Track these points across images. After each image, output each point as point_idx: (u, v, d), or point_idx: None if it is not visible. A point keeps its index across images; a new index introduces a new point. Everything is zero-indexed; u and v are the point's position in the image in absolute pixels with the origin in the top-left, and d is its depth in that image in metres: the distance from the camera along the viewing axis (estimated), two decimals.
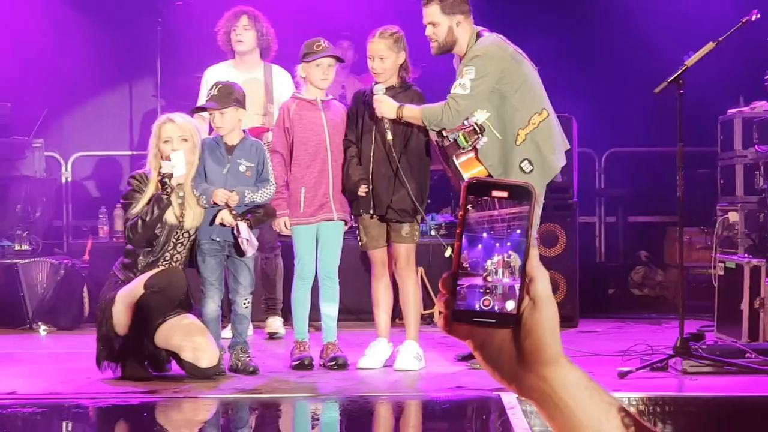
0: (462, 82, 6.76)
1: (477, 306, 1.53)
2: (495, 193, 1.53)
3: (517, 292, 1.52)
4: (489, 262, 1.53)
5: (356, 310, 8.56)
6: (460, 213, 1.54)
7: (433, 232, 7.40)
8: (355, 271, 8.60)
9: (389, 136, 6.87)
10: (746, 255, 8.15)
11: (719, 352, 6.79)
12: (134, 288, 6.55)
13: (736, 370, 6.60)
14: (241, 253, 6.86)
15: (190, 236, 6.80)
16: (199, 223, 6.81)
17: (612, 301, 10.02)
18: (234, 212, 6.79)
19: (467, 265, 1.54)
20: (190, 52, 10.07)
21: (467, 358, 7.12)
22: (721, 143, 9.39)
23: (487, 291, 1.53)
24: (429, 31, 6.91)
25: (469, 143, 6.71)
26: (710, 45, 6.80)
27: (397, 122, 6.92)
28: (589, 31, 11.01)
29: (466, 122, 6.74)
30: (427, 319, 9.14)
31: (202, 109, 7.07)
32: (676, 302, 8.96)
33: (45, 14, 10.91)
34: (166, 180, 6.58)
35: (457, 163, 6.84)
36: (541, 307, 1.52)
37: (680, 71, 6.75)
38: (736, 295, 7.66)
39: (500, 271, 1.53)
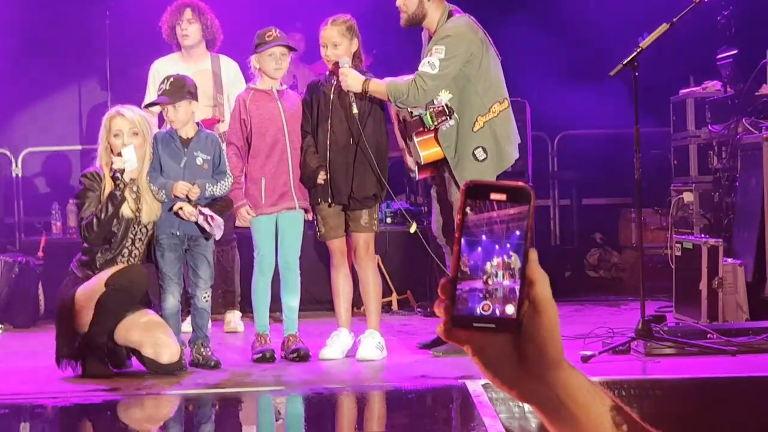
0: (431, 60, 6.74)
1: (477, 311, 1.51)
2: (493, 196, 1.51)
3: (518, 294, 1.50)
4: (489, 265, 1.51)
5: (316, 300, 8.53)
6: (458, 217, 1.51)
7: (413, 228, 7.30)
8: (314, 261, 8.57)
9: (355, 110, 6.84)
10: (702, 235, 8.20)
11: (680, 334, 6.82)
12: (95, 285, 6.48)
13: (698, 351, 6.64)
14: (209, 236, 6.82)
15: (147, 231, 6.74)
16: (156, 217, 6.75)
17: (568, 284, 10.04)
18: (194, 203, 6.75)
19: (467, 269, 1.52)
20: (139, 45, 9.97)
21: (429, 345, 7.13)
22: (674, 123, 9.46)
23: (487, 295, 1.50)
24: (399, 1, 6.88)
25: (435, 123, 6.68)
26: (664, 26, 6.80)
27: (362, 97, 6.90)
28: (541, 14, 11.02)
29: (435, 101, 6.72)
30: (384, 307, 9.15)
31: (155, 103, 7.01)
32: (632, 284, 9.03)
33: None
34: (119, 175, 6.52)
35: (416, 141, 6.83)
36: (543, 311, 1.50)
37: (635, 53, 6.75)
38: (694, 276, 7.69)
39: (500, 273, 1.51)
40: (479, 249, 1.51)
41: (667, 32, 6.84)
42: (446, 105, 6.64)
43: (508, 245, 1.50)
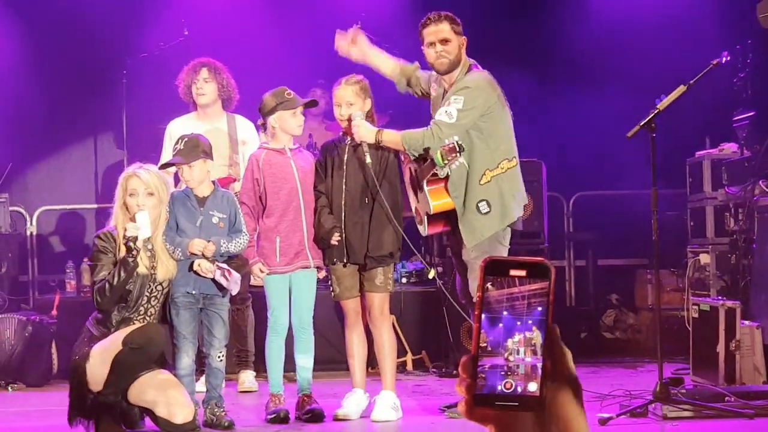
0: (449, 110, 6.75)
1: (499, 388, 1.48)
2: (513, 272, 1.49)
3: (540, 371, 1.48)
4: (510, 341, 1.49)
5: (330, 360, 8.48)
6: (478, 294, 1.50)
7: (431, 274, 7.29)
8: (328, 320, 8.53)
9: (368, 159, 6.83)
10: (720, 297, 8.15)
11: (698, 396, 6.76)
12: (111, 343, 6.44)
13: (716, 414, 6.57)
14: (225, 293, 6.80)
15: (163, 289, 6.71)
16: (172, 275, 6.73)
17: (584, 345, 9.98)
18: (212, 259, 6.74)
19: (488, 346, 1.50)
20: (155, 104, 10.01)
21: (451, 406, 7.09)
22: (690, 185, 9.43)
23: (509, 372, 1.48)
24: (439, 48, 6.88)
25: (445, 161, 6.67)
26: (681, 88, 6.80)
27: (376, 150, 6.90)
28: (558, 76, 11.06)
29: (446, 140, 6.72)
30: (399, 368, 9.10)
31: (170, 164, 7.03)
32: (648, 345, 8.97)
33: (8, 67, 10.84)
34: (131, 243, 6.50)
35: (426, 190, 6.82)
36: (567, 388, 1.47)
37: (652, 115, 6.75)
38: (711, 338, 7.64)
39: (522, 350, 1.49)
40: (500, 325, 1.49)
41: (684, 94, 6.83)
42: (457, 142, 6.63)
43: (529, 321, 1.49)
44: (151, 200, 6.62)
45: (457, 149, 6.56)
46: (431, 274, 7.21)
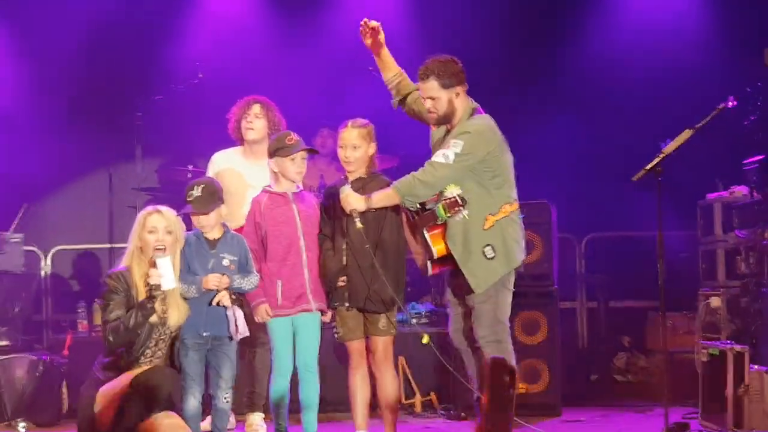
0: (446, 153, 6.76)
1: None
2: None
3: None
4: None
5: (333, 401, 8.47)
6: None
7: (413, 321, 7.35)
8: (332, 362, 8.53)
9: (359, 225, 6.84)
10: (729, 341, 8.10)
11: None
12: (118, 386, 6.43)
13: None
14: (230, 337, 6.81)
15: (171, 333, 6.72)
16: (183, 320, 6.71)
17: (595, 388, 9.95)
18: (231, 294, 6.78)
19: None
20: (170, 146, 10.07)
21: None
22: (701, 227, 9.41)
23: None
24: (429, 104, 6.91)
25: (449, 215, 6.68)
26: (687, 132, 6.83)
27: (368, 212, 6.93)
28: (566, 117, 11.07)
29: (447, 194, 6.73)
30: (408, 408, 9.08)
31: (188, 213, 7.02)
32: (660, 388, 8.91)
33: (22, 106, 10.93)
34: (155, 292, 6.50)
35: (427, 236, 6.83)
36: None
37: (658, 159, 6.76)
38: (720, 382, 7.60)
39: None
40: None
41: (694, 136, 6.83)
42: (459, 196, 6.64)
43: None
44: (169, 238, 6.65)
45: (460, 203, 6.59)
46: (425, 340, 7.19)
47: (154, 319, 6.58)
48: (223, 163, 8.26)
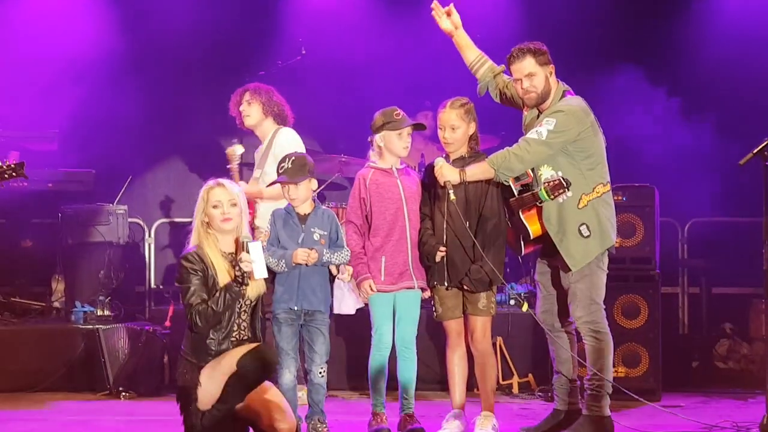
0: (539, 130, 6.77)
1: None
2: None
3: None
4: None
5: (431, 379, 8.47)
6: None
7: (512, 302, 7.31)
8: (430, 340, 8.53)
9: (452, 197, 6.81)
10: None
11: None
12: (223, 365, 6.34)
13: None
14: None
15: (251, 303, 6.60)
16: (262, 291, 6.63)
17: (696, 374, 9.83)
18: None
19: None
20: None
21: (532, 430, 7.10)
22: None
23: None
24: (526, 83, 6.90)
25: (552, 197, 6.67)
26: None
27: (469, 190, 6.93)
28: (676, 101, 10.98)
29: (551, 176, 6.71)
30: (505, 389, 9.07)
31: (277, 182, 7.04)
32: (762, 376, 8.77)
33: (130, 82, 11.07)
34: (247, 279, 6.41)
35: (522, 217, 6.83)
36: None
37: (766, 143, 6.66)
38: None
39: None
40: None
41: None
42: (563, 178, 6.61)
43: None
44: (234, 210, 6.51)
45: (564, 185, 6.57)
46: (524, 308, 7.16)
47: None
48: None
